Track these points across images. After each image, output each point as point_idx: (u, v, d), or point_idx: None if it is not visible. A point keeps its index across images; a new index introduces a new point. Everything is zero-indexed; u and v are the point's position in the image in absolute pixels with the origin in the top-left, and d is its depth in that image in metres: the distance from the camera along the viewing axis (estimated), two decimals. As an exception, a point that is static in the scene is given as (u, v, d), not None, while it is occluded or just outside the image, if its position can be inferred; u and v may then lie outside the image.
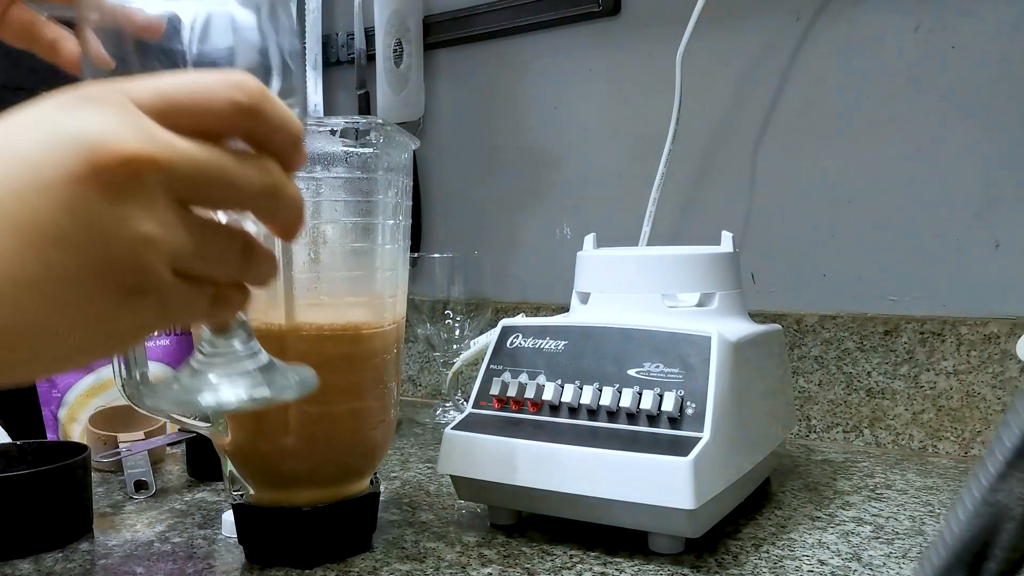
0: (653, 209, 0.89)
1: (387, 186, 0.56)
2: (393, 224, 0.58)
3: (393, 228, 0.58)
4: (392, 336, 0.57)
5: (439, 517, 0.63)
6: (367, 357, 0.55)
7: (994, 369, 0.78)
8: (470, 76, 1.16)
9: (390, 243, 0.57)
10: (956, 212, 0.82)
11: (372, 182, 0.55)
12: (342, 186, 0.54)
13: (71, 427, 0.82)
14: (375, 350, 0.56)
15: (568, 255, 0.72)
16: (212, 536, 0.60)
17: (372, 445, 0.57)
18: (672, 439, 0.53)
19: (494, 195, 1.15)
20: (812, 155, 0.90)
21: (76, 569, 0.55)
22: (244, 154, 0.30)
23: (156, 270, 0.28)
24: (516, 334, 0.62)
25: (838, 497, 0.66)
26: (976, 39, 0.81)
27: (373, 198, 0.55)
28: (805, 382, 0.88)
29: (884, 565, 0.52)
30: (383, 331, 0.56)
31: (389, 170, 0.56)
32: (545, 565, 0.53)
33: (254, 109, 0.29)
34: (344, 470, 0.56)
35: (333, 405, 0.53)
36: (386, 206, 0.57)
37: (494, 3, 1.11)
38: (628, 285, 0.63)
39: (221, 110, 0.29)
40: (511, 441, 0.56)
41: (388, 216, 0.57)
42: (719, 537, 0.58)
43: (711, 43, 0.94)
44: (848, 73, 0.88)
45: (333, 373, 0.49)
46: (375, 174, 0.55)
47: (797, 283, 0.91)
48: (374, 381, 0.56)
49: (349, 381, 0.54)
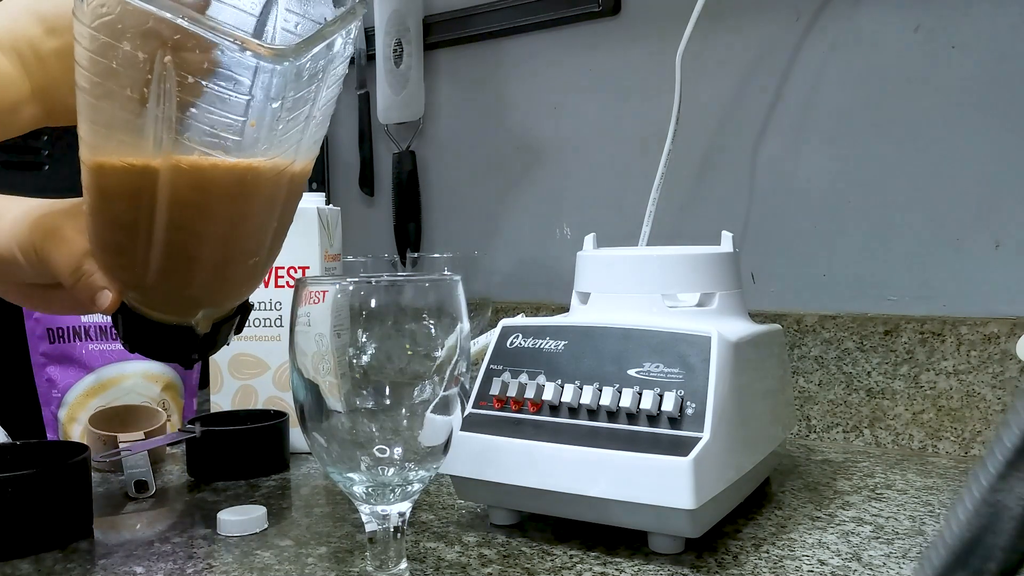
0: (653, 209, 0.89)
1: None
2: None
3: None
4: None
5: (439, 517, 0.63)
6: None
7: (994, 369, 0.78)
8: (470, 76, 1.16)
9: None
10: (956, 212, 0.82)
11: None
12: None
13: (71, 427, 0.82)
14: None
15: (568, 255, 0.72)
16: (212, 536, 0.60)
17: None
18: (672, 439, 0.53)
19: (494, 195, 1.15)
20: (812, 155, 0.90)
21: (76, 569, 0.55)
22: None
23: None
24: (516, 334, 0.62)
25: (838, 497, 0.66)
26: (976, 39, 0.81)
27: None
28: (805, 382, 0.88)
29: (884, 565, 0.52)
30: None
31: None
32: (545, 565, 0.53)
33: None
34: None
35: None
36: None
37: (494, 3, 1.11)
38: (628, 285, 0.63)
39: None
40: (511, 441, 0.56)
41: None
42: (719, 537, 0.58)
43: (711, 43, 0.94)
44: (848, 73, 0.88)
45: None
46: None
47: (797, 283, 0.91)
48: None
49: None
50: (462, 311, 0.44)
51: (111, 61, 0.42)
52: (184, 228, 0.47)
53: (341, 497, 0.68)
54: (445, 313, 0.44)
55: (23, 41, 0.47)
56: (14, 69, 0.46)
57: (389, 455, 0.43)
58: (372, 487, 0.43)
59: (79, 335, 0.84)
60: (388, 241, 1.24)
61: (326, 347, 0.43)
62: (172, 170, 0.44)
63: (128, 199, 0.46)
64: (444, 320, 0.43)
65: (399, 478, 0.43)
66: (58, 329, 0.83)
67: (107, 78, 0.43)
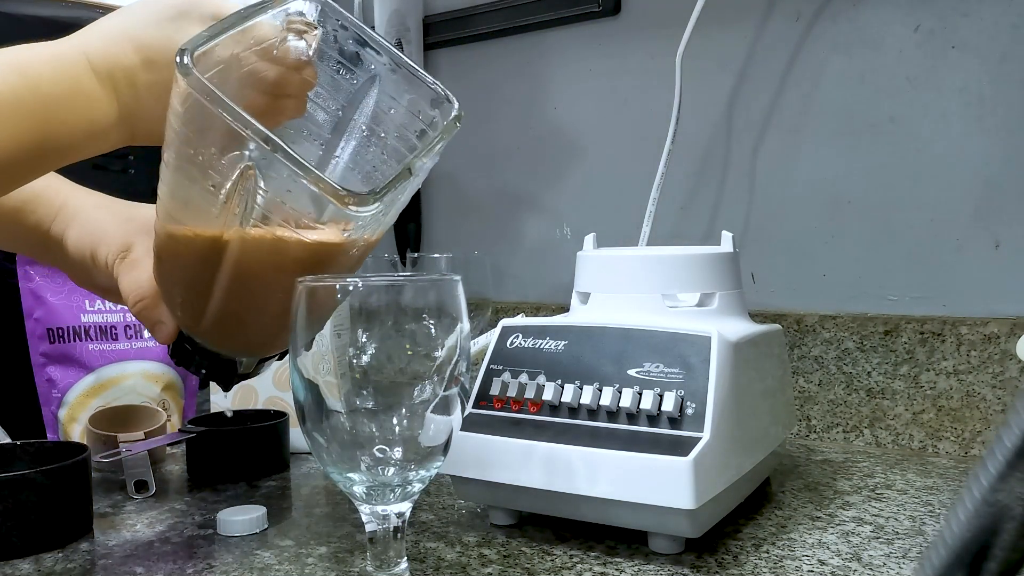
0: (653, 209, 0.89)
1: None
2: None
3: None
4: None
5: (439, 517, 0.63)
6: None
7: (994, 369, 0.78)
8: (470, 76, 1.16)
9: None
10: (956, 212, 0.82)
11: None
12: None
13: (71, 427, 0.82)
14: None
15: (568, 255, 0.72)
16: (212, 536, 0.60)
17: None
18: (672, 439, 0.53)
19: (494, 195, 1.15)
20: (812, 155, 0.90)
21: (76, 569, 0.55)
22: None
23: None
24: (516, 334, 0.62)
25: (838, 497, 0.66)
26: (976, 39, 0.81)
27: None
28: (805, 382, 0.88)
29: (884, 565, 0.52)
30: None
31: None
32: (545, 565, 0.53)
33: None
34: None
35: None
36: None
37: (494, 3, 1.11)
38: (628, 285, 0.63)
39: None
40: (511, 441, 0.56)
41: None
42: (719, 537, 0.58)
43: (711, 43, 0.94)
44: (848, 73, 0.88)
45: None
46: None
47: (797, 283, 0.91)
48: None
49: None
50: (462, 311, 0.44)
51: (196, 152, 0.43)
52: (243, 297, 0.48)
53: (341, 497, 0.68)
54: (445, 313, 0.44)
55: (119, 69, 0.46)
56: (106, 96, 0.46)
57: (389, 455, 0.43)
58: (372, 487, 0.43)
59: (79, 335, 0.84)
60: (388, 241, 1.24)
61: (326, 347, 0.43)
62: (241, 243, 0.45)
63: (195, 263, 0.47)
64: (444, 320, 0.43)
65: (399, 478, 0.43)
66: (58, 329, 0.83)
67: (191, 164, 0.44)
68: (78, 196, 0.59)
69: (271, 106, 0.50)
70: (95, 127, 0.47)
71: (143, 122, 0.48)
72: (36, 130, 0.44)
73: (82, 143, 0.47)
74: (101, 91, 0.46)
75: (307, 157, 0.43)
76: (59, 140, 0.46)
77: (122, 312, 0.86)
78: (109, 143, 0.48)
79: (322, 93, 0.52)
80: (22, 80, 0.44)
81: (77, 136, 0.46)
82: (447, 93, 0.50)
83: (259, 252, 0.45)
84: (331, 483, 0.72)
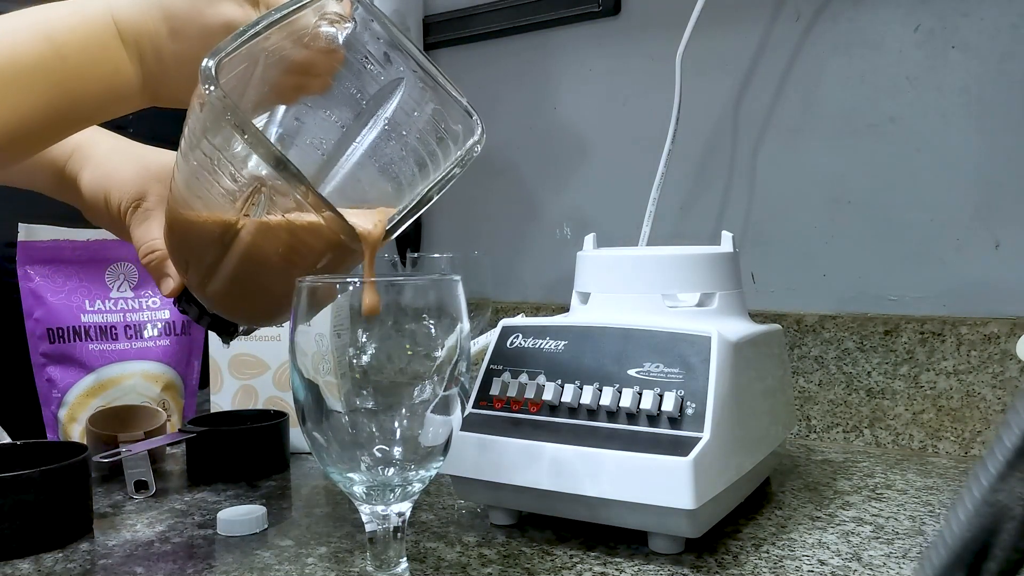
0: (653, 209, 0.89)
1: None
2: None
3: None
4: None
5: (439, 517, 0.63)
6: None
7: (994, 369, 0.78)
8: (470, 76, 1.16)
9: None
10: (956, 212, 0.82)
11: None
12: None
13: (71, 427, 0.82)
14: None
15: (568, 255, 0.72)
16: (212, 536, 0.60)
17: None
18: (672, 439, 0.53)
19: (494, 195, 1.15)
20: (812, 155, 0.90)
21: (76, 569, 0.55)
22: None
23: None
24: (516, 334, 0.62)
25: (838, 497, 0.66)
26: (976, 39, 0.81)
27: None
28: (805, 382, 0.88)
29: (884, 565, 0.52)
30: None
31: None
32: (545, 565, 0.53)
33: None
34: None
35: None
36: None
37: (494, 3, 1.11)
38: (628, 285, 0.63)
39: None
40: (511, 441, 0.56)
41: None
42: (719, 537, 0.58)
43: (711, 43, 0.94)
44: (848, 73, 0.88)
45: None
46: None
47: (797, 283, 0.91)
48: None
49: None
50: (462, 311, 0.44)
51: (211, 158, 0.43)
52: (250, 279, 0.49)
53: (341, 497, 0.68)
54: (445, 313, 0.44)
55: (146, 37, 0.47)
56: (131, 64, 0.47)
57: (389, 455, 0.43)
58: (372, 487, 0.43)
59: (79, 335, 0.84)
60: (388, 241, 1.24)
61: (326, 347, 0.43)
62: (253, 231, 0.46)
63: (204, 243, 0.48)
64: (444, 320, 0.43)
65: (399, 478, 0.43)
66: (58, 329, 0.83)
67: (207, 168, 0.44)
68: (93, 137, 0.59)
69: (296, 83, 0.50)
70: (119, 94, 0.47)
71: (166, 88, 0.49)
72: (61, 98, 0.45)
73: (105, 108, 0.48)
74: (127, 59, 0.47)
75: (325, 140, 0.44)
76: (83, 107, 0.47)
77: (122, 312, 0.86)
78: (131, 107, 0.49)
79: (349, 78, 0.52)
80: (49, 47, 0.44)
81: (101, 103, 0.47)
82: (472, 110, 0.51)
83: (270, 240, 0.46)
84: (331, 483, 0.72)
